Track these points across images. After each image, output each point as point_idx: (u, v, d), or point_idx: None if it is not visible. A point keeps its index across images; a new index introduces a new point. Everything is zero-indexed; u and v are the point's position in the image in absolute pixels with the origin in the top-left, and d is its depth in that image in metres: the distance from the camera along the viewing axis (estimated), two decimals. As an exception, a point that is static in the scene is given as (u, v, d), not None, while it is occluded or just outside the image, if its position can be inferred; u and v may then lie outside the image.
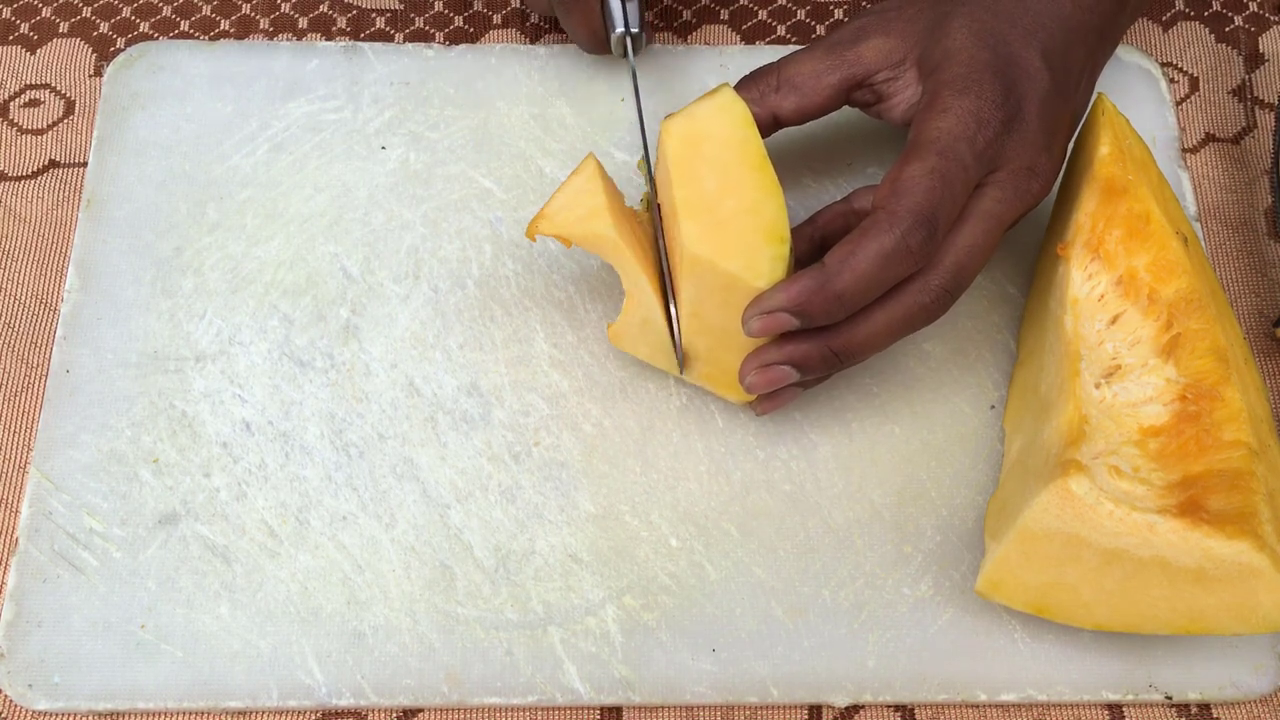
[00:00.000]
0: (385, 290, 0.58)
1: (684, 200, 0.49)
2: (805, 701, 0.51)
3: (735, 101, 0.50)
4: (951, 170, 0.47)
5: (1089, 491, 0.45)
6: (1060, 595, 0.47)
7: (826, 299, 0.46)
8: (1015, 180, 0.49)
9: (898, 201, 0.46)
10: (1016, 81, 0.49)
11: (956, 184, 0.47)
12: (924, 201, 0.46)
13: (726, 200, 0.49)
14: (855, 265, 0.46)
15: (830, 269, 0.46)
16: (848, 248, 0.46)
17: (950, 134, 0.47)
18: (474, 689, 0.50)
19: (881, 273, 0.46)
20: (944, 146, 0.47)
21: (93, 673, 0.50)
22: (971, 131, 0.47)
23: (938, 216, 0.46)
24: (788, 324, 0.47)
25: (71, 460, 0.54)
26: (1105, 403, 0.49)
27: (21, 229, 0.61)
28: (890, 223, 0.46)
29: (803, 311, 0.47)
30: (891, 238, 0.46)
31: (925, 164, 0.47)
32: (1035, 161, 0.49)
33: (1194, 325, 0.49)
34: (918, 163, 0.47)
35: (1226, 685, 0.51)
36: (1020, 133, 0.48)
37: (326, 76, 0.63)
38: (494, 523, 0.53)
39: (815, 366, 0.49)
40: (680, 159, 0.50)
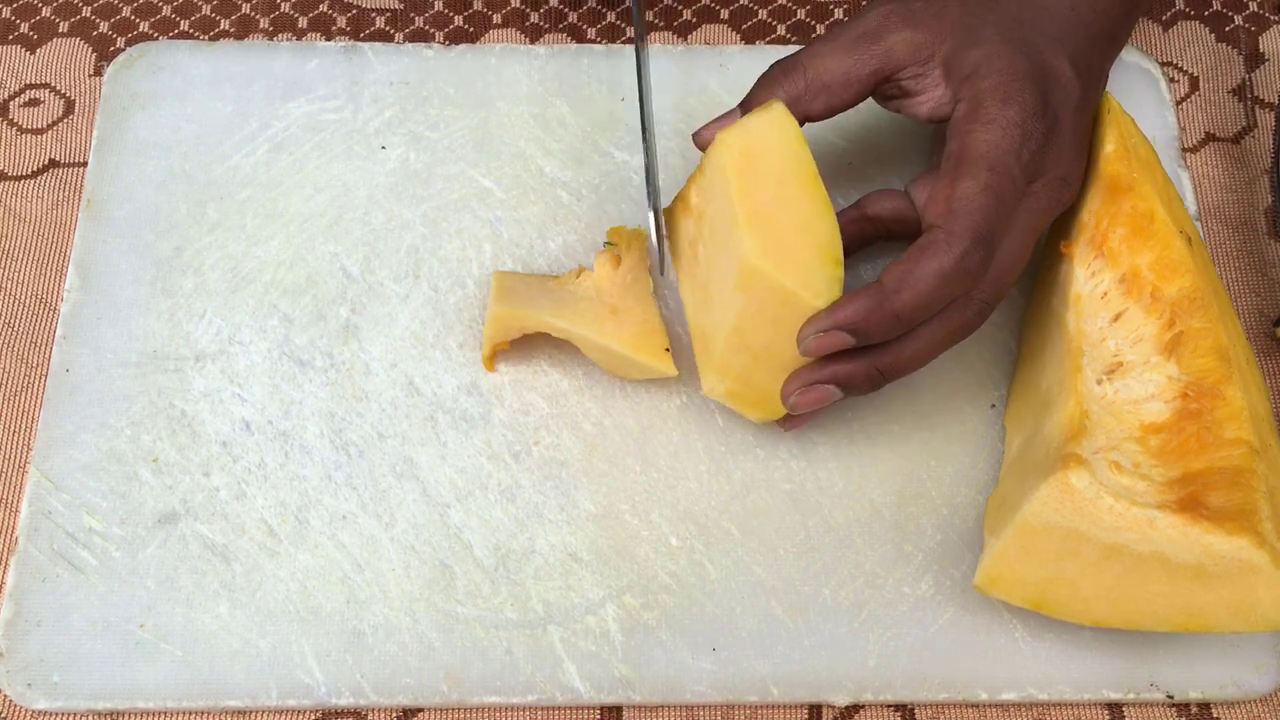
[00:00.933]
0: (385, 290, 0.58)
1: (747, 212, 0.48)
2: (805, 701, 0.51)
3: (787, 117, 0.49)
4: (1004, 186, 0.47)
5: (1089, 485, 0.45)
6: (1059, 590, 0.47)
7: (884, 318, 0.46)
8: (1050, 190, 0.49)
9: (955, 221, 0.46)
10: (1051, 91, 0.49)
11: (1009, 200, 0.47)
12: (981, 221, 0.46)
13: (783, 216, 0.48)
14: (915, 285, 0.46)
15: (889, 287, 0.46)
16: (906, 266, 0.46)
17: (999, 148, 0.47)
18: (474, 688, 0.50)
19: (940, 292, 0.46)
20: (994, 161, 0.47)
21: (92, 672, 0.50)
22: (1018, 144, 0.47)
23: (994, 234, 0.46)
24: (844, 343, 0.46)
25: (71, 460, 0.54)
26: (1106, 399, 0.49)
27: (21, 229, 0.61)
28: (949, 242, 0.46)
29: (860, 330, 0.46)
30: (951, 257, 0.46)
31: (978, 181, 0.46)
32: (1070, 170, 0.50)
33: (1196, 324, 0.49)
34: (970, 180, 0.46)
35: (1227, 684, 0.50)
36: (1058, 143, 0.49)
37: (326, 76, 0.63)
38: (494, 522, 0.53)
39: (860, 385, 0.49)
40: (740, 171, 0.49)
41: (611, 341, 0.52)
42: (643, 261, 0.55)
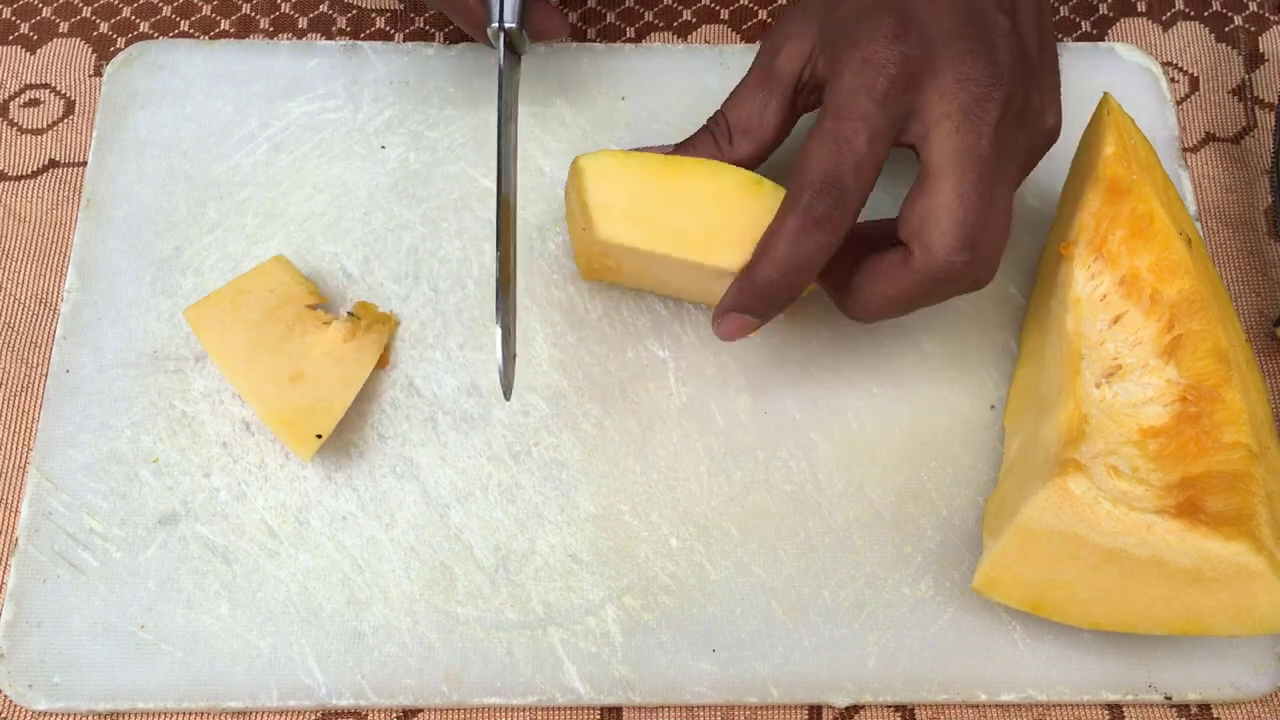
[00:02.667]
0: (385, 290, 0.58)
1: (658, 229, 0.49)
2: (805, 701, 0.51)
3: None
4: (847, 129, 0.45)
5: (1087, 491, 0.45)
6: (1057, 593, 0.47)
7: (759, 291, 0.47)
8: (956, 101, 0.45)
9: (797, 178, 0.46)
10: (911, 4, 0.46)
11: (857, 139, 0.45)
12: (819, 169, 0.45)
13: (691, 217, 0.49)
14: (772, 253, 0.46)
15: (753, 263, 0.47)
16: (765, 237, 0.47)
17: (843, 91, 0.46)
18: (474, 689, 0.50)
19: (797, 250, 0.46)
20: (839, 107, 0.46)
21: (93, 673, 0.50)
22: (868, 79, 0.45)
23: (840, 178, 0.45)
24: (748, 323, 0.48)
25: (71, 460, 0.54)
26: (1105, 402, 0.49)
27: (21, 229, 0.61)
28: (792, 201, 0.46)
29: (747, 309, 0.48)
30: (795, 216, 0.46)
31: (821, 132, 0.46)
32: (967, 70, 0.45)
33: (1196, 326, 0.49)
34: (814, 134, 0.46)
35: (1226, 685, 0.51)
36: (932, 51, 0.46)
37: (326, 76, 0.63)
38: (494, 523, 0.53)
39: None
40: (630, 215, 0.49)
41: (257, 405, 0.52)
42: (372, 349, 0.55)
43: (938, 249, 0.46)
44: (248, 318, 0.54)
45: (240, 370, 0.53)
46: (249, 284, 0.55)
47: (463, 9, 0.54)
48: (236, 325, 0.53)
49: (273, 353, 0.53)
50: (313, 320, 0.54)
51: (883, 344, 0.57)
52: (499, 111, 0.53)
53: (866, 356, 0.57)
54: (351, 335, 0.55)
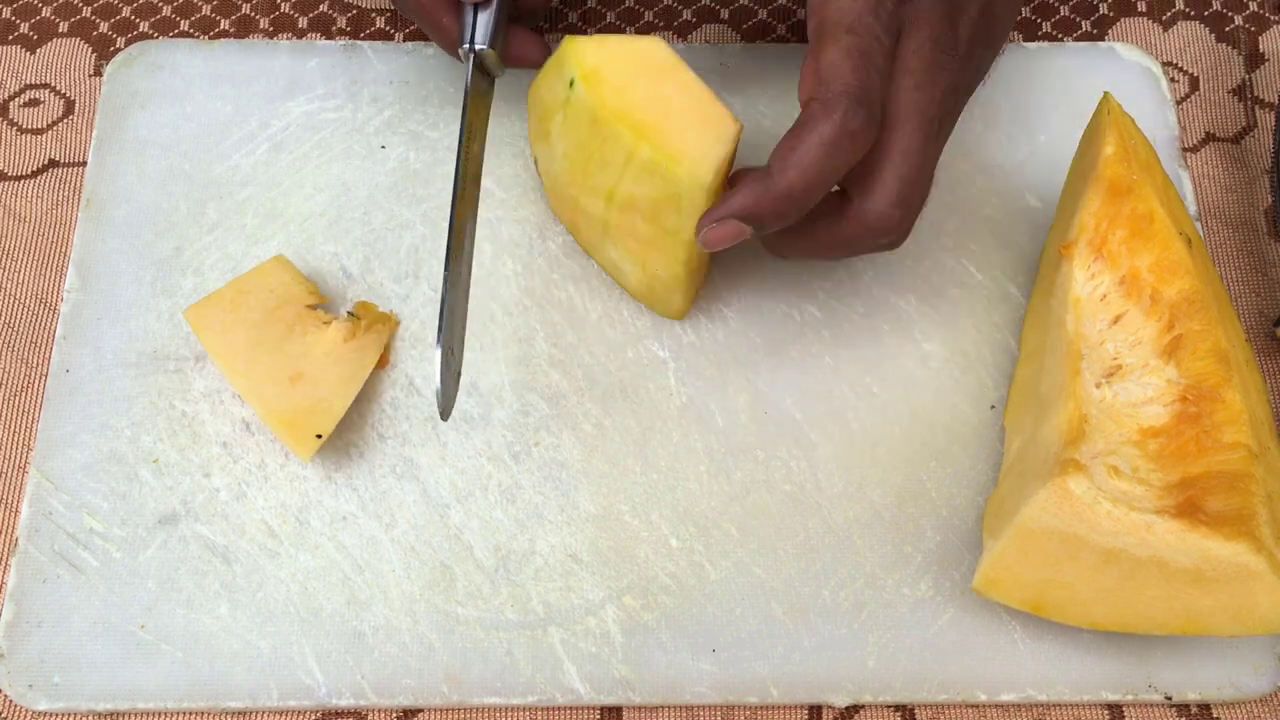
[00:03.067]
0: (385, 290, 0.58)
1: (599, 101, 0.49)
2: (805, 701, 0.51)
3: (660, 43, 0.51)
4: (867, 45, 0.45)
5: (1087, 491, 0.45)
6: (1057, 594, 0.47)
7: (776, 200, 0.45)
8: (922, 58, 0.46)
9: (827, 88, 0.45)
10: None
11: (877, 57, 0.45)
12: (853, 81, 0.44)
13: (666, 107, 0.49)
14: (800, 160, 0.45)
15: (774, 169, 0.45)
16: (789, 144, 0.45)
17: (853, 10, 0.45)
18: (474, 689, 0.50)
19: (828, 162, 0.45)
20: (851, 23, 0.45)
21: (93, 673, 0.50)
22: (874, 3, 0.45)
23: (871, 93, 0.45)
24: (741, 232, 0.47)
25: (71, 460, 0.54)
26: (1105, 402, 0.49)
27: (21, 229, 0.61)
28: (826, 110, 0.44)
29: (754, 216, 0.46)
30: (832, 124, 0.44)
31: (840, 45, 0.45)
32: (939, 33, 0.46)
33: (1196, 326, 0.49)
34: (832, 46, 0.45)
35: (1226, 685, 0.51)
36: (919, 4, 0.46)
37: (326, 75, 0.63)
38: (494, 523, 0.53)
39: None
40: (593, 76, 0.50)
41: (257, 405, 0.53)
42: (372, 350, 0.55)
43: (879, 200, 0.46)
44: (248, 318, 0.54)
45: (240, 370, 0.53)
46: (249, 284, 0.55)
47: (437, 27, 0.54)
48: (236, 325, 0.53)
49: (273, 353, 0.53)
50: (313, 320, 0.54)
51: (883, 344, 0.57)
52: (460, 132, 0.52)
53: (866, 356, 0.57)
54: (351, 335, 0.55)
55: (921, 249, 0.59)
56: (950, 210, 0.60)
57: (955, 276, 0.58)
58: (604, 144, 0.50)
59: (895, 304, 0.58)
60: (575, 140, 0.52)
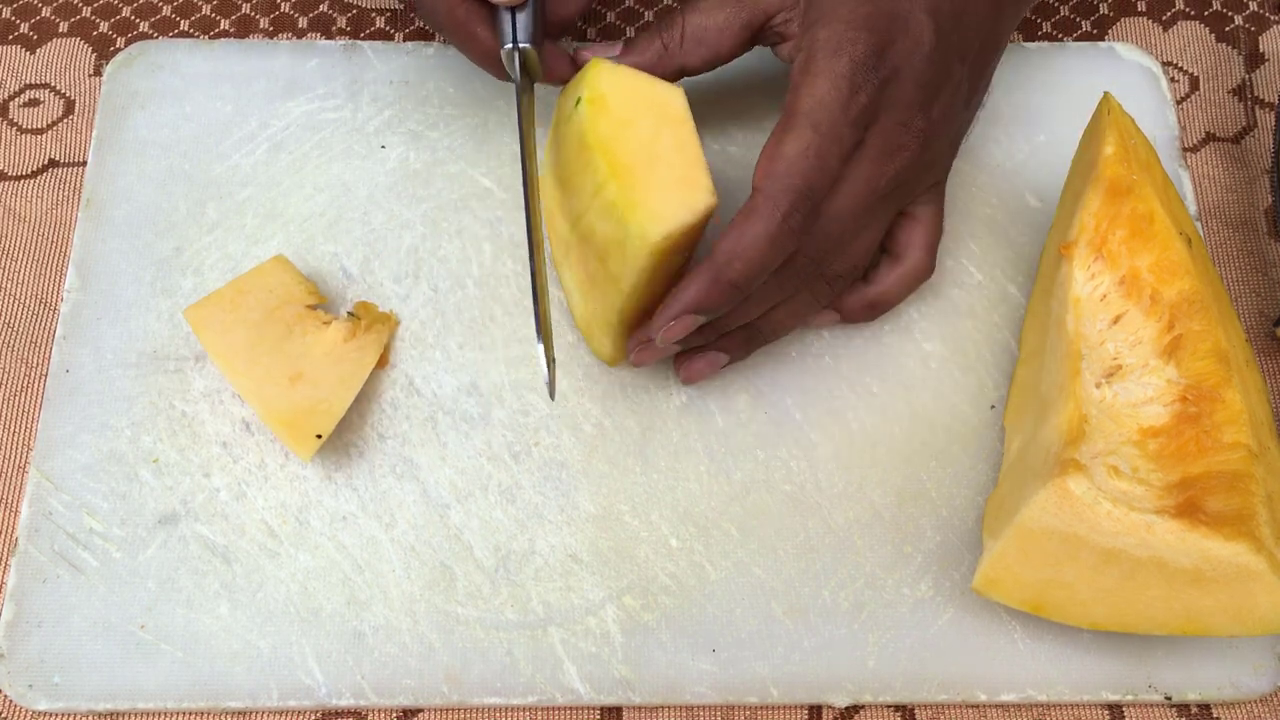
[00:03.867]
0: (385, 290, 0.58)
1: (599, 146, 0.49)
2: (805, 701, 0.51)
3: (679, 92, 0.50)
4: (826, 145, 0.47)
5: (1087, 491, 0.45)
6: (1057, 594, 0.47)
7: (723, 290, 0.47)
8: (885, 139, 0.48)
9: (776, 183, 0.46)
10: (894, 39, 0.48)
11: (832, 158, 0.47)
12: (801, 182, 0.46)
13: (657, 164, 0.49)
14: (744, 253, 0.46)
15: (719, 260, 0.47)
16: (735, 234, 0.47)
17: (824, 104, 0.47)
18: (474, 689, 0.50)
19: (768, 255, 0.47)
20: (818, 119, 0.47)
21: (93, 673, 0.50)
22: (846, 98, 0.47)
23: (815, 192, 0.47)
24: (695, 324, 0.48)
25: (71, 460, 0.54)
26: (1105, 402, 0.49)
27: (21, 229, 0.61)
28: (770, 206, 0.46)
29: (704, 308, 0.48)
30: (774, 221, 0.46)
31: (801, 140, 0.47)
32: (908, 119, 0.49)
33: (1196, 326, 0.49)
34: (793, 140, 0.47)
35: (1226, 685, 0.51)
36: (894, 91, 0.48)
37: (326, 75, 0.63)
38: (494, 523, 0.53)
39: (737, 349, 0.53)
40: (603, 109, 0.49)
41: (257, 405, 0.53)
42: (372, 350, 0.55)
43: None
44: (248, 318, 0.54)
45: (240, 370, 0.53)
46: (249, 284, 0.55)
47: (470, 38, 0.52)
48: (236, 325, 0.53)
49: (273, 353, 0.53)
50: (313, 320, 0.54)
51: (883, 344, 0.57)
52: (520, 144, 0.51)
53: (866, 356, 0.57)
54: (351, 335, 0.55)
55: (921, 249, 0.59)
56: (950, 210, 0.60)
57: (955, 276, 0.58)
58: (583, 170, 0.50)
59: (895, 304, 0.58)
60: (565, 157, 0.52)
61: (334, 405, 0.52)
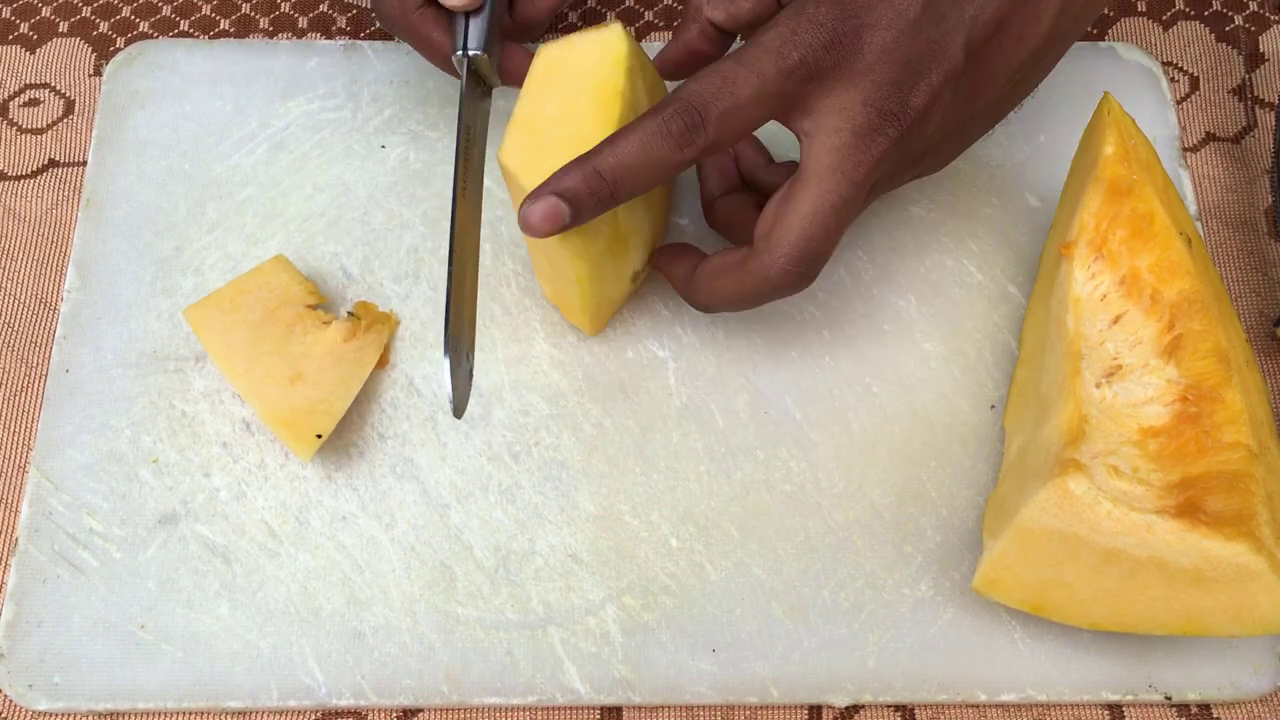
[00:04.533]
0: (385, 290, 0.58)
1: (517, 117, 0.49)
2: (805, 701, 0.51)
3: (618, 40, 0.50)
4: (738, 74, 0.45)
5: (1087, 491, 0.45)
6: (1057, 594, 0.47)
7: (588, 175, 0.46)
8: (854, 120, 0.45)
9: (674, 91, 0.46)
10: (867, 8, 0.45)
11: (743, 87, 0.45)
12: (696, 92, 0.45)
13: (558, 127, 0.49)
14: (617, 146, 0.46)
15: (595, 149, 0.46)
16: (619, 131, 0.46)
17: (760, 43, 0.46)
18: (474, 689, 0.50)
19: (641, 152, 0.46)
20: (746, 53, 0.46)
21: (93, 673, 0.50)
22: (783, 45, 0.45)
23: (708, 108, 0.45)
24: (558, 209, 0.46)
25: (71, 460, 0.54)
26: (1105, 402, 0.49)
27: (21, 229, 0.61)
28: (656, 109, 0.46)
29: (566, 192, 0.46)
30: (653, 120, 0.46)
31: (720, 64, 0.46)
32: (877, 98, 0.45)
33: (1196, 326, 0.49)
34: (714, 64, 0.46)
35: (1226, 685, 0.51)
36: (852, 62, 0.45)
37: (326, 75, 0.63)
38: (494, 523, 0.53)
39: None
40: (535, 80, 0.50)
41: (257, 405, 0.53)
42: (372, 350, 0.55)
43: (779, 257, 0.47)
44: (248, 318, 0.54)
45: (240, 370, 0.53)
46: (249, 284, 0.55)
47: (428, 44, 0.53)
48: (236, 325, 0.53)
49: (273, 353, 0.53)
50: (313, 320, 0.54)
51: (883, 344, 0.57)
52: (457, 139, 0.51)
53: (866, 356, 0.57)
54: (351, 335, 0.55)
55: (921, 249, 0.59)
56: (950, 210, 0.60)
57: (955, 276, 0.58)
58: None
59: (895, 304, 0.58)
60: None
61: (334, 405, 0.52)
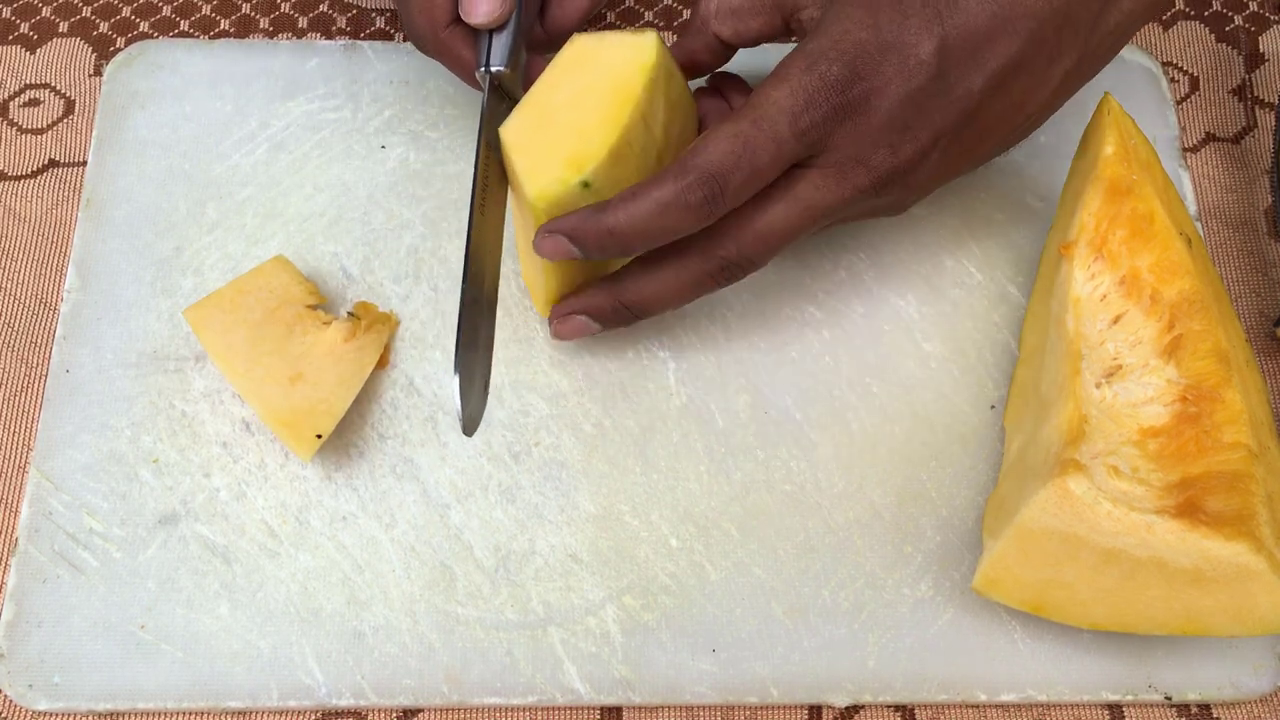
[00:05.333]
0: (385, 290, 0.58)
1: (530, 96, 0.49)
2: (805, 702, 0.51)
3: (649, 48, 0.49)
4: (759, 139, 0.46)
5: (1087, 491, 0.45)
6: (1057, 594, 0.47)
7: (599, 232, 0.47)
8: (840, 168, 0.47)
9: (693, 156, 0.46)
10: (878, 70, 0.46)
11: (761, 154, 0.46)
12: (716, 161, 0.46)
13: (564, 114, 0.48)
14: (631, 208, 0.46)
15: (609, 205, 0.47)
16: (633, 189, 0.47)
17: (775, 104, 0.46)
18: (474, 689, 0.50)
19: (656, 221, 0.46)
20: (761, 115, 0.46)
21: (93, 673, 0.50)
22: (798, 108, 0.46)
23: (728, 179, 0.46)
24: (566, 248, 0.48)
25: (71, 460, 0.54)
26: (1105, 402, 0.49)
27: (21, 229, 0.61)
28: (677, 174, 0.46)
29: (576, 239, 0.47)
30: (672, 190, 0.46)
31: (736, 126, 0.46)
32: (867, 155, 0.47)
33: (1196, 326, 0.49)
34: (730, 124, 0.46)
35: (1226, 685, 0.51)
36: (856, 123, 0.46)
37: (326, 75, 0.63)
38: (494, 523, 0.53)
39: (609, 318, 0.53)
40: (558, 66, 0.50)
41: (257, 405, 0.53)
42: (372, 350, 0.55)
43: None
44: (248, 318, 0.54)
45: (240, 370, 0.53)
46: (249, 284, 0.55)
47: (457, 61, 0.53)
48: (236, 325, 0.53)
49: (273, 353, 0.53)
50: (313, 320, 0.54)
51: (883, 344, 0.57)
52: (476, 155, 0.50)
53: (866, 356, 0.57)
54: (351, 335, 0.55)
55: (921, 249, 0.59)
56: (950, 210, 0.60)
57: (955, 276, 0.58)
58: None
59: (895, 304, 0.58)
60: None
61: (334, 405, 0.52)
